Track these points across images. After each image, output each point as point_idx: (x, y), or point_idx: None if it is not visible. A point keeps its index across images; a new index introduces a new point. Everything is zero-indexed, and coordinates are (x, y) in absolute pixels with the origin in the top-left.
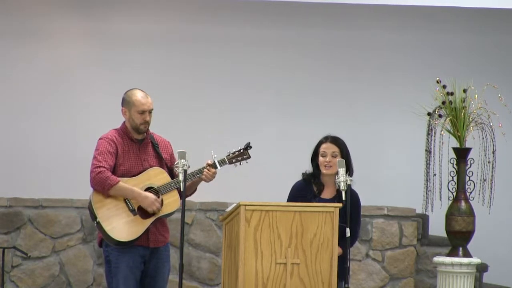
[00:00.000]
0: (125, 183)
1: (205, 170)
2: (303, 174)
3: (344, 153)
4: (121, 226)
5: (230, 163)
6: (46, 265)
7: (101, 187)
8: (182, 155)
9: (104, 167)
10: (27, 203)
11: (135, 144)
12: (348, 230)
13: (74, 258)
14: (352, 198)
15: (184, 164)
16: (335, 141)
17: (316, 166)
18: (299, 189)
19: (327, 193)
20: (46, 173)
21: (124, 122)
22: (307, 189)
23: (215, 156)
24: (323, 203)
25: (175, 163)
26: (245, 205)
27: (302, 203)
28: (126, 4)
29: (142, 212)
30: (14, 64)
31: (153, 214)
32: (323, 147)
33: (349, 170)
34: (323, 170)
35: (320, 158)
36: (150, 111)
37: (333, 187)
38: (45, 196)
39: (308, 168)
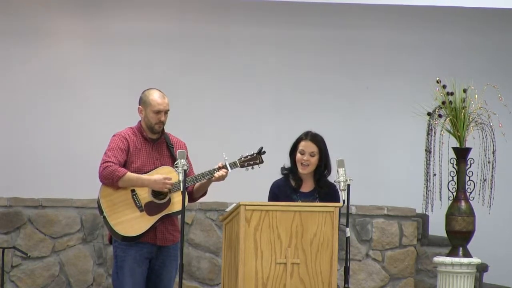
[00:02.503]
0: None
1: (215, 171)
2: (282, 168)
3: (323, 152)
4: (127, 222)
5: (242, 166)
6: (46, 265)
7: (110, 180)
8: (182, 155)
9: (111, 161)
10: (27, 203)
11: (148, 143)
12: (348, 230)
13: (74, 258)
14: (332, 189)
15: (184, 164)
16: (315, 139)
17: (294, 161)
18: (279, 186)
19: (306, 187)
20: (46, 173)
21: (139, 121)
22: (286, 185)
23: (226, 158)
24: (303, 198)
25: (175, 163)
26: (245, 205)
27: (303, 202)
28: (126, 3)
29: (149, 209)
30: (14, 63)
31: (161, 211)
32: (302, 144)
33: (327, 168)
34: (300, 169)
35: (298, 155)
36: (166, 112)
37: (311, 181)
38: (45, 196)
39: (287, 162)
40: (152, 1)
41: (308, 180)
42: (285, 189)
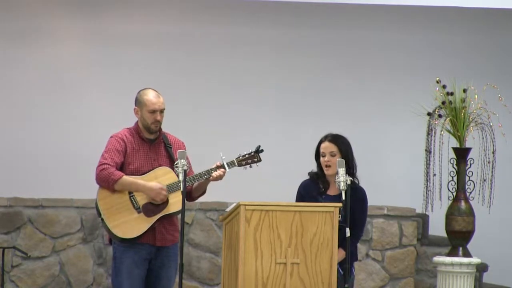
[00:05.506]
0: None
1: (213, 171)
2: (309, 173)
3: (344, 151)
4: (125, 224)
5: (240, 165)
6: (46, 265)
7: (106, 183)
8: (182, 155)
9: (108, 164)
10: (27, 203)
11: (146, 144)
12: (348, 230)
13: (74, 258)
14: (358, 194)
15: (184, 164)
16: (334, 140)
17: (320, 165)
18: (306, 187)
19: (333, 190)
20: (46, 173)
21: (136, 121)
22: (314, 187)
23: (224, 157)
24: (329, 201)
25: (175, 163)
26: (245, 205)
27: (303, 202)
28: (126, 4)
29: (147, 210)
30: (14, 63)
31: (158, 212)
32: (322, 146)
33: (352, 168)
34: (325, 171)
35: (321, 158)
36: (161, 111)
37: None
38: (45, 196)
39: (314, 167)
40: (152, 2)
41: (334, 183)
42: (311, 190)
